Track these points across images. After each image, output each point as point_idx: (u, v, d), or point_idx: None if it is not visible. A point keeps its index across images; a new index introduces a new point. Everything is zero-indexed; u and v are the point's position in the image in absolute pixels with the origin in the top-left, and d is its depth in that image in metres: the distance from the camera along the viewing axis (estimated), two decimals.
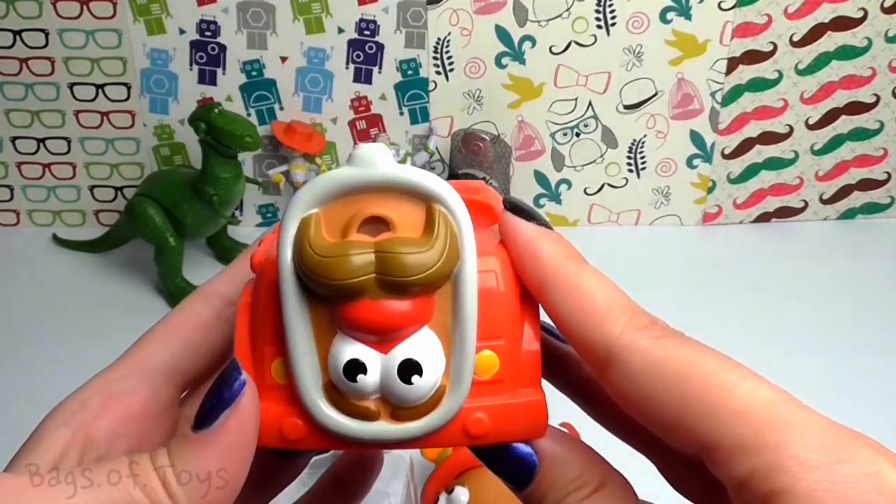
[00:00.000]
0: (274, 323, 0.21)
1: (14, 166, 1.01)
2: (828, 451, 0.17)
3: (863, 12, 0.92)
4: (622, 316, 0.20)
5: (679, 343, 0.19)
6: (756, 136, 0.99)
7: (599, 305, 0.20)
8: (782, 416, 0.17)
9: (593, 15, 0.92)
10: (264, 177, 0.99)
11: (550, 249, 0.21)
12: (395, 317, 0.20)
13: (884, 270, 0.95)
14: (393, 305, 0.20)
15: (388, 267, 0.19)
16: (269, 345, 0.21)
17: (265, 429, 0.21)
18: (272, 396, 0.21)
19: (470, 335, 0.20)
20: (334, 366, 0.20)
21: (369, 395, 0.21)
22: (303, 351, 0.21)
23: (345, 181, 0.20)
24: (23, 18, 0.92)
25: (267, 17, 0.92)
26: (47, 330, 0.85)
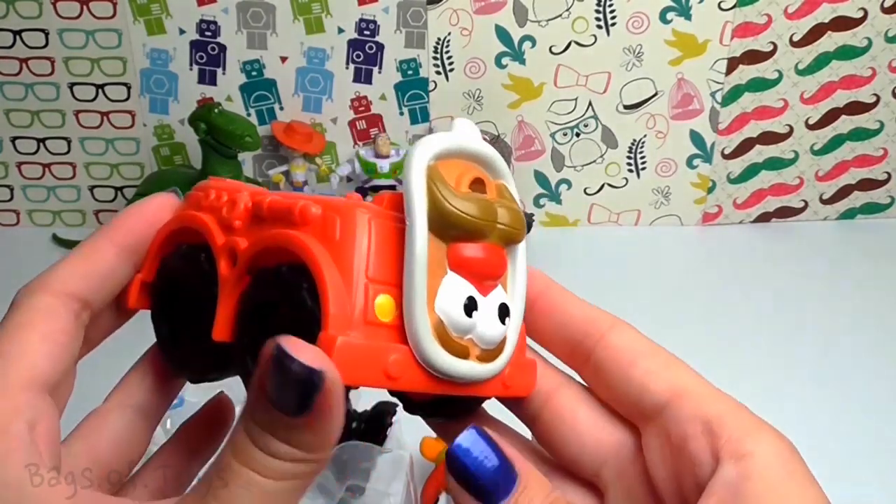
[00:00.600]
0: (382, 259, 0.21)
1: (14, 166, 1.01)
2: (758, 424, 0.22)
3: (863, 12, 0.92)
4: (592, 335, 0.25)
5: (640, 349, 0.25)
6: (756, 136, 0.99)
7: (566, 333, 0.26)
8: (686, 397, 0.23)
9: (593, 15, 0.92)
10: (264, 177, 0.99)
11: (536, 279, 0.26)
12: (504, 262, 0.24)
13: (884, 270, 0.95)
14: (502, 252, 0.23)
15: (511, 219, 0.23)
16: (374, 281, 0.21)
17: (368, 368, 0.21)
18: (375, 334, 0.21)
19: (522, 296, 0.24)
20: (449, 302, 0.22)
21: (467, 335, 0.22)
22: (422, 287, 0.21)
23: (461, 146, 0.23)
24: (23, 18, 0.92)
25: (267, 17, 0.92)
26: None
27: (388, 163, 0.94)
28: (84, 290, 0.24)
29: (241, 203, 0.24)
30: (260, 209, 0.23)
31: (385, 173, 0.95)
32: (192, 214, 0.25)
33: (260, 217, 0.23)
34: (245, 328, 0.23)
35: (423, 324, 0.21)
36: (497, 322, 0.23)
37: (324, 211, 0.22)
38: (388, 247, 0.22)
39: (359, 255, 0.21)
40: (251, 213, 0.24)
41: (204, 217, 0.25)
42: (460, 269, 0.22)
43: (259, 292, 0.23)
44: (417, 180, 0.22)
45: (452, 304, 0.22)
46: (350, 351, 0.20)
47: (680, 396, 0.23)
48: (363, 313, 0.21)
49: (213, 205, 0.25)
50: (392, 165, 0.95)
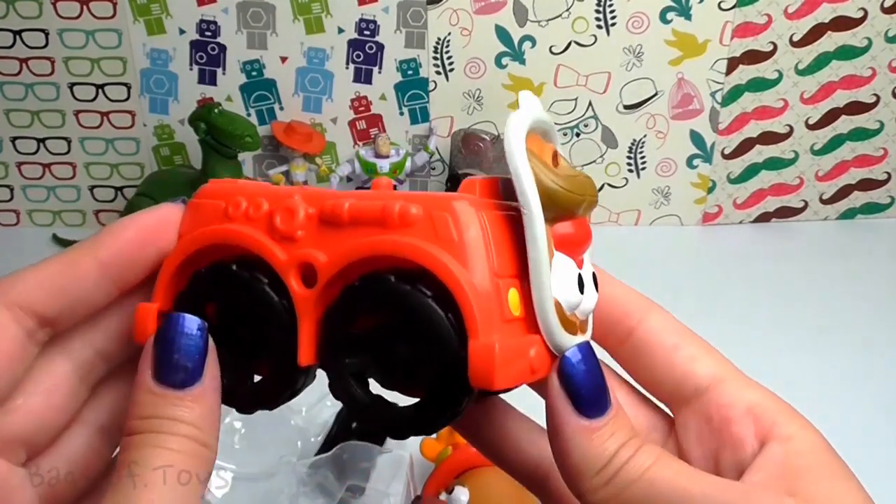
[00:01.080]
0: (501, 251, 0.21)
1: (14, 166, 1.01)
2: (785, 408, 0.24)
3: (863, 12, 0.92)
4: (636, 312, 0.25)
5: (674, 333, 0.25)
6: (756, 136, 0.99)
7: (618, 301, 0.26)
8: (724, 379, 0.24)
9: (593, 15, 0.92)
10: (264, 177, 0.99)
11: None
12: (591, 232, 0.24)
13: (884, 270, 0.95)
14: (588, 223, 0.23)
15: (593, 189, 0.24)
16: (501, 276, 0.21)
17: (518, 367, 0.20)
18: (513, 331, 0.21)
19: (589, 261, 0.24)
20: (565, 283, 0.22)
21: (575, 309, 0.23)
22: (548, 276, 0.21)
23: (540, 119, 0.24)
24: (23, 18, 0.92)
25: (267, 17, 0.92)
26: None
27: (388, 163, 0.94)
28: (47, 306, 0.21)
29: (300, 210, 0.22)
30: (336, 215, 0.21)
31: (385, 173, 0.95)
32: (229, 230, 0.22)
33: (334, 223, 0.21)
34: (339, 349, 0.21)
35: (552, 312, 0.21)
36: (595, 292, 0.23)
37: (427, 210, 0.20)
38: (503, 237, 0.21)
39: (484, 253, 0.20)
40: (318, 219, 0.22)
41: (247, 231, 0.22)
42: (564, 248, 0.22)
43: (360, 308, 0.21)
44: (523, 164, 0.21)
45: (568, 285, 0.22)
46: (506, 354, 0.19)
47: (722, 381, 0.23)
48: (501, 312, 0.20)
49: (252, 215, 0.22)
50: (392, 165, 0.95)
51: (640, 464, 0.20)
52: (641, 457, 0.20)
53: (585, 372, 0.21)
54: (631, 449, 0.20)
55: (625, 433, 0.21)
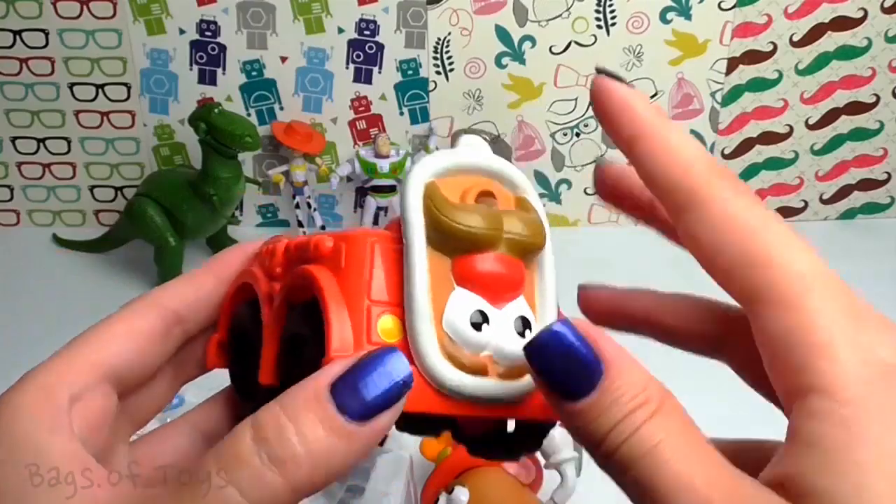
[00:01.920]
0: (388, 282, 0.21)
1: (14, 166, 1.01)
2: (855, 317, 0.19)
3: (863, 12, 0.92)
4: (707, 169, 0.21)
5: (754, 203, 0.21)
6: (756, 136, 0.99)
7: (687, 156, 0.21)
8: (823, 285, 0.19)
9: (593, 15, 0.92)
10: (264, 177, 0.99)
11: (643, 106, 0.22)
12: (520, 273, 0.22)
13: (884, 270, 0.95)
14: (516, 262, 0.22)
15: (523, 228, 0.22)
16: (378, 303, 0.21)
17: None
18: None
19: (553, 306, 0.23)
20: (456, 317, 0.21)
21: (482, 351, 0.21)
22: (422, 302, 0.21)
23: (462, 162, 0.23)
24: (23, 18, 0.92)
25: (267, 17, 0.92)
26: (47, 330, 0.85)
27: (387, 163, 0.94)
28: (180, 306, 0.25)
29: (279, 249, 0.24)
30: (290, 253, 0.24)
31: (385, 173, 0.95)
32: (246, 270, 0.26)
33: (291, 259, 0.24)
34: (285, 369, 0.23)
35: (427, 339, 0.21)
36: (515, 336, 0.22)
37: (335, 242, 0.22)
38: (395, 269, 0.21)
39: (361, 279, 0.21)
40: (286, 257, 0.24)
41: (254, 269, 0.25)
42: (467, 283, 0.22)
43: (288, 330, 0.23)
44: (413, 195, 0.22)
45: (458, 319, 0.21)
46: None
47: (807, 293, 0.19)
48: (367, 334, 0.21)
49: (262, 257, 0.26)
50: (392, 165, 0.95)
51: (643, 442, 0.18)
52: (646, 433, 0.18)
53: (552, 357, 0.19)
54: (633, 423, 0.18)
55: (623, 405, 0.18)
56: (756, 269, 0.20)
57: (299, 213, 0.98)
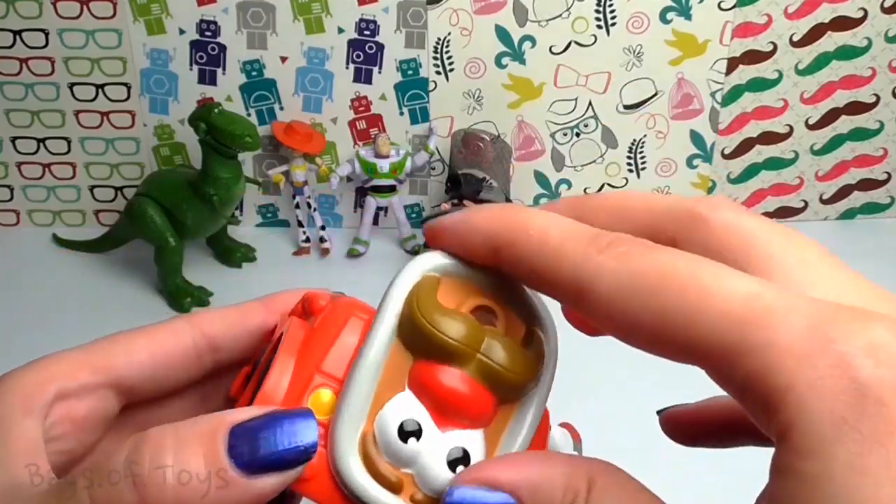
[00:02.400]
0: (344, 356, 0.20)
1: (14, 166, 1.01)
2: (817, 335, 0.15)
3: (863, 12, 0.92)
4: (580, 243, 0.18)
5: (647, 251, 0.17)
6: (756, 136, 0.99)
7: (554, 240, 0.18)
8: (765, 308, 0.16)
9: (593, 15, 0.92)
10: (264, 177, 0.99)
11: (484, 215, 0.20)
12: (484, 405, 0.20)
13: (884, 270, 0.95)
14: (483, 391, 0.20)
15: (504, 358, 0.20)
16: (326, 375, 0.20)
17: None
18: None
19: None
20: (388, 419, 0.19)
21: (403, 466, 0.20)
22: (359, 388, 0.19)
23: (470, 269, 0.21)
24: (23, 18, 0.92)
25: (267, 17, 0.92)
26: (47, 330, 0.85)
27: (387, 163, 0.94)
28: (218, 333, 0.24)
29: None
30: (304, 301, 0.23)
31: (385, 173, 0.95)
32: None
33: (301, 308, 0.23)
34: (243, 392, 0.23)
35: (346, 430, 0.19)
36: (443, 467, 0.19)
37: (327, 302, 0.22)
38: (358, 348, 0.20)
39: (321, 346, 0.20)
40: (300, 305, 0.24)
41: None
42: (418, 391, 0.20)
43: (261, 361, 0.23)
44: (403, 279, 0.20)
45: (390, 421, 0.19)
46: None
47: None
48: (295, 399, 0.20)
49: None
50: (392, 165, 0.95)
51: None
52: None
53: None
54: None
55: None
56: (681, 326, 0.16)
57: (299, 213, 0.98)
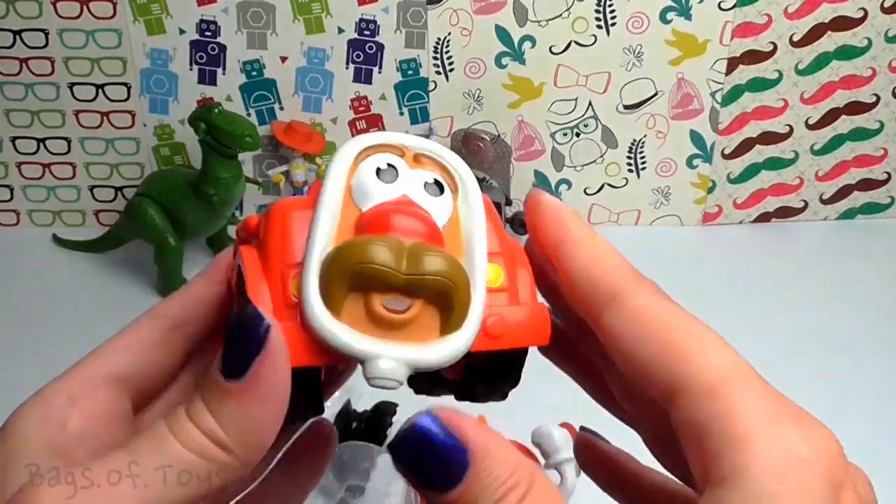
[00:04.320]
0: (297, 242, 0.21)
1: (14, 166, 1.01)
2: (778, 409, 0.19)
3: (863, 12, 0.92)
4: (629, 272, 0.22)
5: (673, 306, 0.21)
6: (756, 136, 0.99)
7: (610, 260, 0.22)
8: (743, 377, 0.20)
9: (593, 15, 0.92)
10: (264, 177, 0.99)
11: (571, 214, 0.23)
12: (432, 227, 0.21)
13: (884, 270, 0.95)
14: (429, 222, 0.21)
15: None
16: (290, 265, 0.21)
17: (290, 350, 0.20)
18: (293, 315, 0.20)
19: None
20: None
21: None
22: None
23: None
24: (23, 18, 0.92)
25: (267, 17, 0.92)
26: (47, 330, 0.85)
27: None
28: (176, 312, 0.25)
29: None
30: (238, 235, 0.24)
31: None
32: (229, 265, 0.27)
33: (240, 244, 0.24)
34: None
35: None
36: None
37: (260, 217, 0.22)
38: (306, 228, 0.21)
39: (275, 245, 0.21)
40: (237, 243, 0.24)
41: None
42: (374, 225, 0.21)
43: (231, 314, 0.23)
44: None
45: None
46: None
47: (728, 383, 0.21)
48: (284, 296, 0.20)
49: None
50: None
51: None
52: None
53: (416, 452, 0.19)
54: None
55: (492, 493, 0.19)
56: (678, 361, 0.20)
57: None
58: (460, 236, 0.22)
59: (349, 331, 0.20)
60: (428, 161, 0.23)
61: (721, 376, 0.19)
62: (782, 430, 0.19)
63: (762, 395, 0.19)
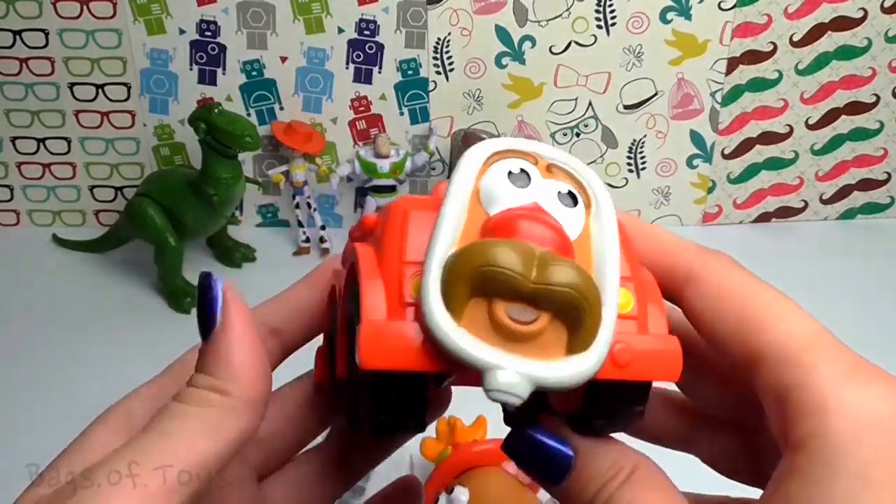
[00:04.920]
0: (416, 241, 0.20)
1: (14, 166, 1.01)
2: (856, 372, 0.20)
3: (863, 12, 0.92)
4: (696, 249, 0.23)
5: (749, 277, 0.22)
6: (756, 136, 0.99)
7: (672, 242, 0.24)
8: (820, 343, 0.21)
9: (593, 15, 0.92)
10: (264, 177, 0.99)
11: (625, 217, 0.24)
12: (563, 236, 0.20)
13: (884, 270, 0.95)
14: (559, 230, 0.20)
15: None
16: (409, 263, 0.20)
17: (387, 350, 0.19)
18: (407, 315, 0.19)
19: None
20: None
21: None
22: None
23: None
24: (23, 18, 0.92)
25: (267, 17, 0.92)
26: (47, 330, 0.85)
27: (388, 163, 0.94)
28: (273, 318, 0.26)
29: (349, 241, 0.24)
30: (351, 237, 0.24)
31: (385, 173, 0.95)
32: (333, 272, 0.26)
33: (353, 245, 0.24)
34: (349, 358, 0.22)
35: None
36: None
37: (383, 212, 0.22)
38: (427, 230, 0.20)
39: (394, 243, 0.20)
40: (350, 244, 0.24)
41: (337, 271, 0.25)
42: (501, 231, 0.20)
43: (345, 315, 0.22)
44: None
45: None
46: (376, 333, 0.18)
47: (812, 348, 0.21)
48: (399, 296, 0.19)
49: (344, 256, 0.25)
50: (392, 165, 0.95)
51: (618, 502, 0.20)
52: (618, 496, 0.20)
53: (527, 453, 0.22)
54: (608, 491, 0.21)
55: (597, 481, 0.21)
56: (758, 332, 0.21)
57: (299, 213, 0.98)
58: (591, 253, 0.20)
59: (470, 337, 0.18)
60: (560, 172, 0.22)
61: (800, 344, 0.20)
62: (858, 392, 0.19)
63: (839, 359, 0.20)
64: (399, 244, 0.20)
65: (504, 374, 0.18)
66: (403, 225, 0.20)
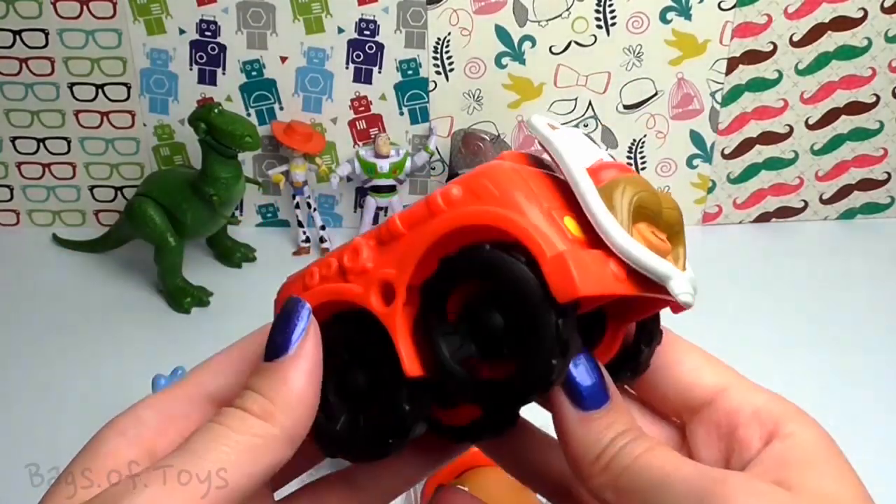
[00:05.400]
0: (545, 191, 0.22)
1: (14, 166, 1.01)
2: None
3: (863, 12, 0.92)
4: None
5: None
6: (756, 136, 0.99)
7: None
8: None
9: (593, 15, 0.92)
10: (264, 177, 0.99)
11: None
12: None
13: (884, 270, 0.95)
14: None
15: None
16: (554, 208, 0.21)
17: (596, 274, 0.20)
18: (581, 248, 0.21)
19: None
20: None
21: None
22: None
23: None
24: (23, 18, 0.92)
25: (267, 17, 0.92)
26: (47, 330, 0.85)
27: (387, 163, 0.94)
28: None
29: (363, 246, 0.23)
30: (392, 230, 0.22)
31: (385, 173, 0.95)
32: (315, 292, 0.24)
33: (393, 238, 0.22)
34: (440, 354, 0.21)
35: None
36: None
37: (465, 184, 0.21)
38: (542, 183, 0.22)
39: (525, 193, 0.21)
40: (377, 246, 0.23)
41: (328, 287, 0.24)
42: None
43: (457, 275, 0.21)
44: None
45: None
46: (579, 261, 0.19)
47: (726, 389, 0.24)
48: (563, 234, 0.20)
49: (326, 274, 0.24)
50: (392, 165, 0.95)
51: (633, 451, 0.21)
52: (635, 445, 0.21)
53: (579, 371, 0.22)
54: (626, 438, 0.22)
55: (622, 424, 0.22)
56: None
57: (299, 213, 0.98)
58: None
59: (651, 253, 0.21)
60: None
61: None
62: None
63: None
64: (533, 194, 0.21)
65: (684, 280, 0.22)
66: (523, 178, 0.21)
